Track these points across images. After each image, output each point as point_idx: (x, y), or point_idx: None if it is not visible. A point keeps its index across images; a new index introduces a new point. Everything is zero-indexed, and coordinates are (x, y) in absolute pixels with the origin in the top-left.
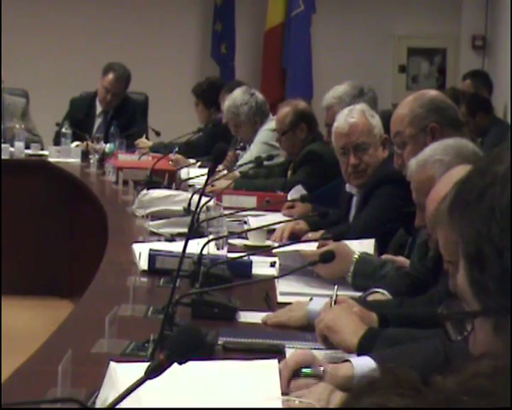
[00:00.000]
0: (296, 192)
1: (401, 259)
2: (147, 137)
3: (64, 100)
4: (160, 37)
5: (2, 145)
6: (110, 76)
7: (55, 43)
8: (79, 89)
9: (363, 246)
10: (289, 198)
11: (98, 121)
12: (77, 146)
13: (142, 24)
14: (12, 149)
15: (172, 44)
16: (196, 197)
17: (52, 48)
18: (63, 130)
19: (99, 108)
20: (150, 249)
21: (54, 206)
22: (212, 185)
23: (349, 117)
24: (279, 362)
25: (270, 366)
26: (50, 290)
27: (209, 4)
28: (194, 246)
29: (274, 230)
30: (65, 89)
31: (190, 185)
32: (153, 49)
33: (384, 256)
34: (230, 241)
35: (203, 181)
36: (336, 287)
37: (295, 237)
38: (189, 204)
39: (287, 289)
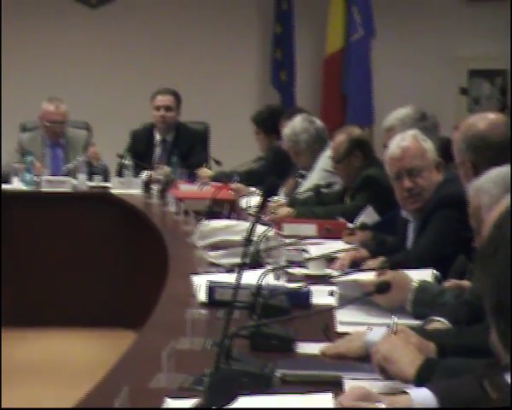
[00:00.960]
0: (366, 216)
1: (466, 283)
2: (208, 167)
3: (126, 131)
4: (220, 65)
5: (67, 178)
6: (159, 95)
7: (116, 75)
8: (140, 121)
9: (421, 275)
10: (359, 222)
11: (158, 151)
12: (145, 176)
13: (202, 53)
14: (75, 181)
15: (232, 73)
16: (257, 227)
17: (113, 80)
18: (125, 162)
19: (158, 137)
20: (209, 281)
21: (116, 237)
22: (273, 213)
23: (401, 142)
24: (336, 395)
25: (325, 401)
26: (114, 321)
27: (268, 32)
28: (254, 276)
29: (334, 258)
30: (126, 121)
31: (250, 215)
32: (212, 78)
33: (449, 282)
34: (290, 270)
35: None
36: (394, 317)
37: (356, 265)
38: (249, 234)
39: (346, 318)
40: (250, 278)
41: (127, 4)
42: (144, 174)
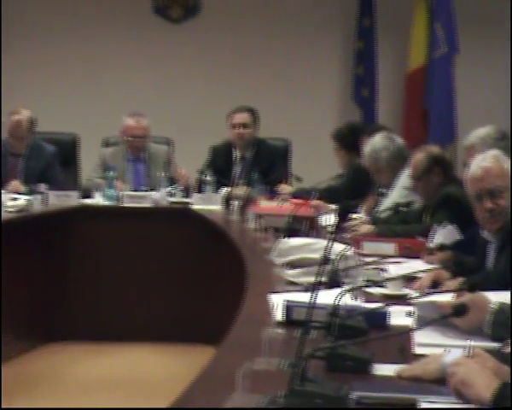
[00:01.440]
0: (446, 235)
1: None
2: (288, 183)
3: (206, 147)
4: (301, 81)
5: (148, 193)
6: (237, 113)
7: (197, 90)
8: (220, 136)
9: (500, 297)
10: (438, 242)
11: (238, 168)
12: (224, 193)
13: (283, 69)
14: (156, 196)
15: (313, 89)
16: (335, 245)
17: (193, 95)
18: (205, 177)
19: (238, 154)
20: (286, 300)
21: (196, 253)
22: (353, 231)
23: (482, 162)
24: None
25: None
26: (195, 337)
27: (350, 48)
28: (331, 296)
29: (413, 278)
30: (207, 136)
31: (329, 233)
32: (293, 93)
33: None
34: (368, 289)
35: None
36: (471, 340)
37: (435, 286)
38: (327, 253)
39: (424, 340)
40: (327, 297)
41: (208, 19)
42: (224, 190)
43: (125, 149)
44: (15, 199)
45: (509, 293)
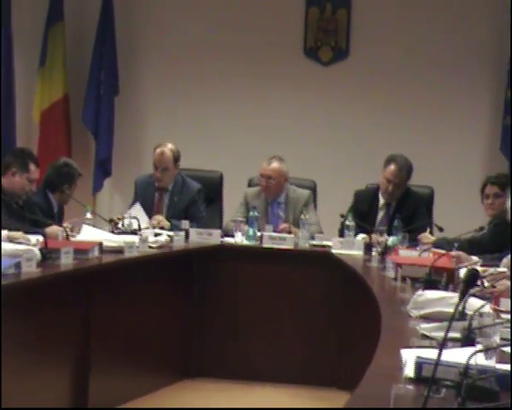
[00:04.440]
0: None
1: None
2: (431, 232)
3: (349, 191)
4: (448, 129)
5: (289, 235)
6: (392, 167)
7: (343, 133)
8: (364, 181)
9: None
10: None
11: (381, 214)
12: (362, 239)
13: (429, 116)
14: (296, 239)
15: (459, 138)
16: (472, 301)
17: (339, 138)
18: (347, 222)
19: (382, 201)
20: (418, 357)
21: (332, 297)
22: (493, 286)
23: None
24: None
25: None
26: (326, 381)
27: (499, 97)
28: (464, 354)
29: None
30: (350, 180)
31: (466, 286)
32: (439, 142)
33: None
34: (504, 349)
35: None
36: None
37: None
38: (464, 308)
39: None
40: (460, 355)
41: (359, 61)
42: (365, 236)
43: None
44: (158, 234)
45: None
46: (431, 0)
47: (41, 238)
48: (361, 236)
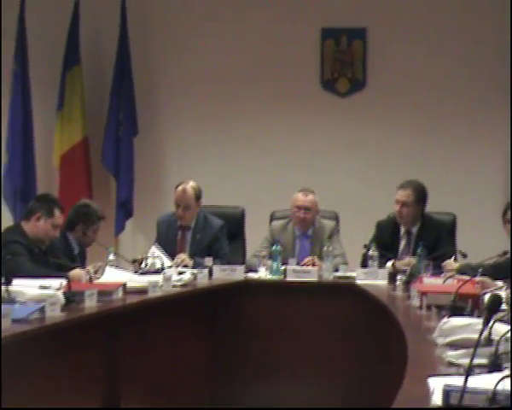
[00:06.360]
0: None
1: None
2: (455, 259)
3: (372, 221)
4: (466, 157)
5: (312, 268)
6: (400, 190)
7: (365, 164)
8: (386, 211)
9: None
10: None
11: (403, 242)
12: (390, 266)
13: (446, 145)
14: (320, 271)
15: (479, 164)
16: (498, 326)
17: (361, 170)
18: (370, 252)
19: (403, 229)
20: (445, 384)
21: (359, 328)
22: None
23: None
24: None
25: None
26: None
27: None
28: (492, 380)
29: None
30: (372, 211)
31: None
32: (459, 169)
33: None
34: None
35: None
36: None
37: None
38: (490, 333)
39: None
40: (488, 381)
41: (376, 91)
42: (389, 265)
43: (293, 223)
44: (182, 273)
45: None
46: (445, 30)
47: (64, 282)
48: (389, 263)
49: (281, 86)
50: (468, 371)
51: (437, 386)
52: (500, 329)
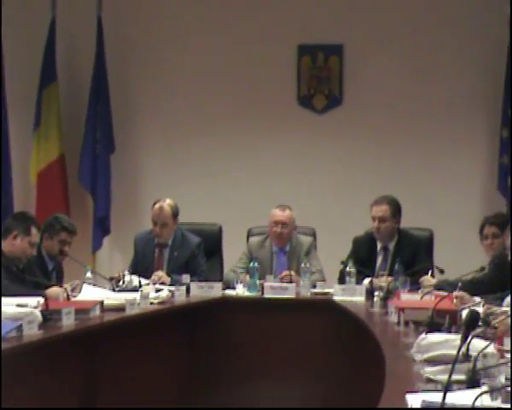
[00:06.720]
0: None
1: None
2: (432, 275)
3: (348, 238)
4: (443, 173)
5: (290, 285)
6: (374, 206)
7: (342, 181)
8: (363, 227)
9: None
10: None
11: (380, 258)
12: (369, 282)
13: (423, 161)
14: (298, 287)
15: (457, 180)
16: (476, 342)
17: (338, 186)
18: (348, 268)
19: (379, 245)
20: (423, 401)
21: (336, 344)
22: (495, 327)
23: None
24: None
25: None
26: None
27: (495, 137)
28: (470, 396)
29: None
30: (349, 227)
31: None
32: (436, 185)
33: None
34: (509, 389)
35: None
36: None
37: None
38: (468, 349)
39: None
40: (466, 397)
41: (353, 107)
42: (366, 281)
43: (271, 239)
44: (160, 290)
45: None
46: (422, 46)
47: (42, 300)
48: (367, 280)
49: (257, 102)
50: (447, 387)
51: (415, 402)
52: (478, 344)
